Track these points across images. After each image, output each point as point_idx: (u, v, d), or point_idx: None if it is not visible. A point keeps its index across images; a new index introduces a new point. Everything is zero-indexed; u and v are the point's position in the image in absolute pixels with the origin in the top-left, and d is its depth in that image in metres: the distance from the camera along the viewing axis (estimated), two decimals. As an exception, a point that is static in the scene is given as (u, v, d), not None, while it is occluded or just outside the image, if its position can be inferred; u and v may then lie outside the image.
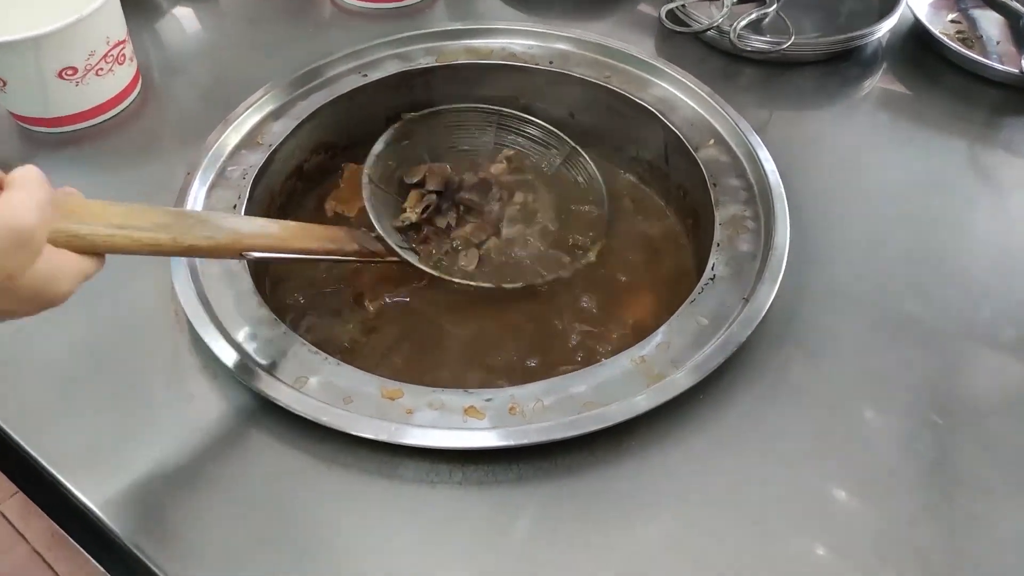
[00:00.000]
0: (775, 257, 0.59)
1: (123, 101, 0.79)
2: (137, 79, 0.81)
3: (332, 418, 0.51)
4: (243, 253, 0.53)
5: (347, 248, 0.63)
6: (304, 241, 0.59)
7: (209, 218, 0.53)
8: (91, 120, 0.77)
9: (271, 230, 0.56)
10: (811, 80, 0.82)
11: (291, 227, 0.59)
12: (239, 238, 0.52)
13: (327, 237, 0.62)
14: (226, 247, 0.51)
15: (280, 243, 0.56)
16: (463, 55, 0.80)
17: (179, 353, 0.58)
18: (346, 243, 0.63)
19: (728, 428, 0.53)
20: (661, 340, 0.56)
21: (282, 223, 0.59)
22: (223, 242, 0.51)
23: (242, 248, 0.53)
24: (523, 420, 0.51)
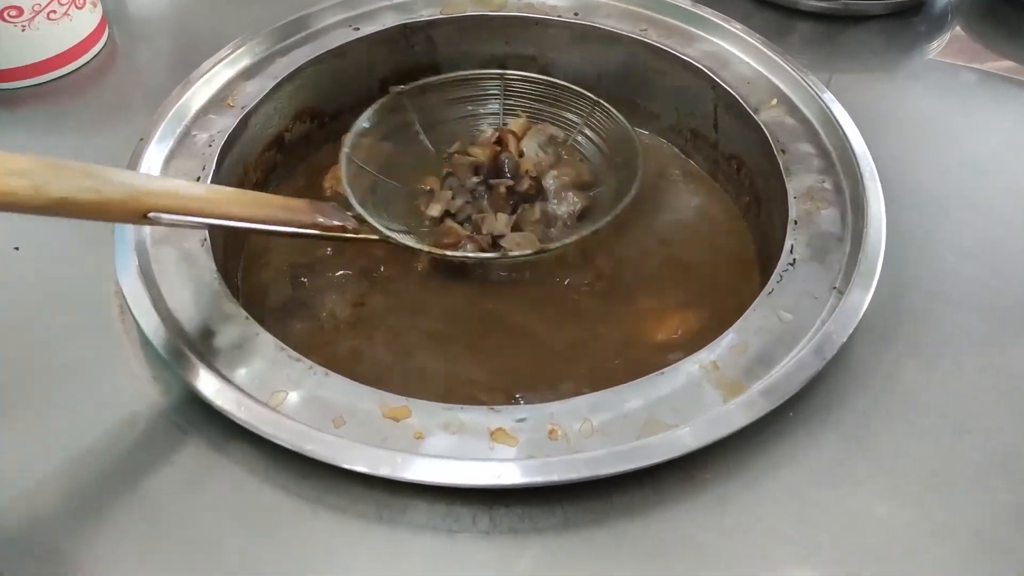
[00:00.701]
0: (871, 236, 0.48)
1: (82, 55, 0.67)
2: (102, 29, 0.69)
3: (318, 446, 0.38)
4: (148, 215, 0.41)
5: (304, 220, 0.51)
6: (242, 208, 0.47)
7: (94, 169, 0.39)
8: (40, 76, 0.65)
9: (191, 191, 0.45)
10: (877, 35, 0.70)
11: (225, 191, 0.48)
12: (137, 195, 0.40)
13: (277, 206, 0.50)
14: (117, 204, 0.39)
15: (205, 206, 0.44)
16: (471, 5, 0.68)
17: (123, 360, 0.45)
18: (304, 215, 0.51)
19: (828, 455, 0.41)
20: (735, 340, 0.44)
21: (212, 186, 0.48)
22: (112, 197, 0.38)
23: (144, 208, 0.40)
24: (567, 447, 0.39)
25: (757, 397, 0.41)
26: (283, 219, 0.49)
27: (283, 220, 0.49)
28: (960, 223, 0.53)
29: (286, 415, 0.40)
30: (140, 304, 0.45)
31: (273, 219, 0.48)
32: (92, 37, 0.67)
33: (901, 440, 0.42)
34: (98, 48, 0.69)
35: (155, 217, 0.41)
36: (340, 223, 0.53)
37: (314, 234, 0.52)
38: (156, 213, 0.41)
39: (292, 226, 0.50)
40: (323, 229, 0.52)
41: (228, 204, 0.46)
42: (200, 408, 0.42)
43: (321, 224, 0.52)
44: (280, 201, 0.51)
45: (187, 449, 0.41)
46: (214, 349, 0.43)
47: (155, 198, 0.41)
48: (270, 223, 0.48)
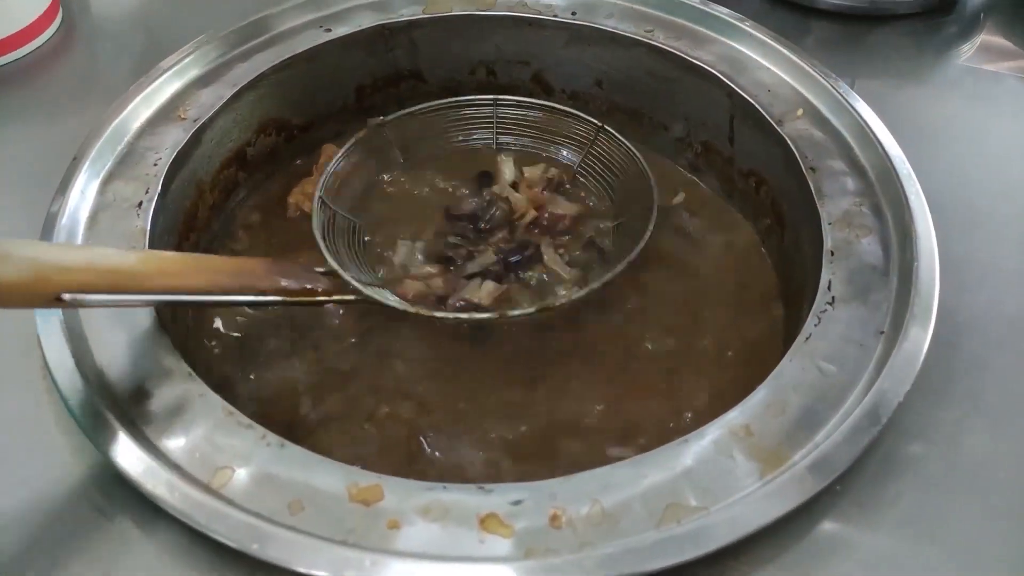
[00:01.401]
0: (923, 270, 0.41)
1: (28, 42, 0.60)
2: (55, 10, 0.62)
3: (268, 546, 0.31)
4: (63, 296, 0.33)
5: (262, 285, 0.43)
6: (182, 278, 0.39)
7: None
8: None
9: (119, 261, 0.37)
10: (904, 37, 0.64)
11: (162, 258, 0.41)
12: (45, 273, 0.33)
13: (227, 271, 0.43)
14: (19, 286, 0.32)
15: (134, 280, 0.37)
16: (458, 4, 0.61)
17: (41, 426, 0.38)
18: (261, 279, 0.44)
19: (886, 541, 0.34)
20: (770, 398, 0.37)
21: (147, 253, 0.41)
22: (11, 279, 0.31)
23: (56, 288, 0.33)
24: (573, 537, 0.32)
25: (802, 474, 0.34)
26: (236, 287, 0.42)
27: (236, 288, 0.42)
28: (1018, 253, 0.46)
29: (231, 500, 0.33)
30: (60, 359, 0.38)
31: (223, 288, 0.41)
32: (40, 22, 0.61)
33: (973, 523, 0.35)
34: (48, 34, 0.62)
35: (72, 299, 0.33)
36: (309, 285, 0.46)
37: (277, 301, 0.44)
38: (73, 294, 0.33)
39: (248, 294, 0.43)
40: (288, 294, 0.45)
41: (164, 276, 0.38)
42: (128, 490, 0.34)
43: (285, 289, 0.44)
44: (231, 265, 0.44)
45: (112, 538, 0.34)
46: (148, 415, 0.36)
47: (70, 275, 0.34)
48: (219, 293, 0.41)
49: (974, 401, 0.39)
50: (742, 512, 0.33)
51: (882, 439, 0.36)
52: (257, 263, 0.45)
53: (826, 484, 0.33)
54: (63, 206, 0.45)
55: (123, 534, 0.34)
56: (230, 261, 0.44)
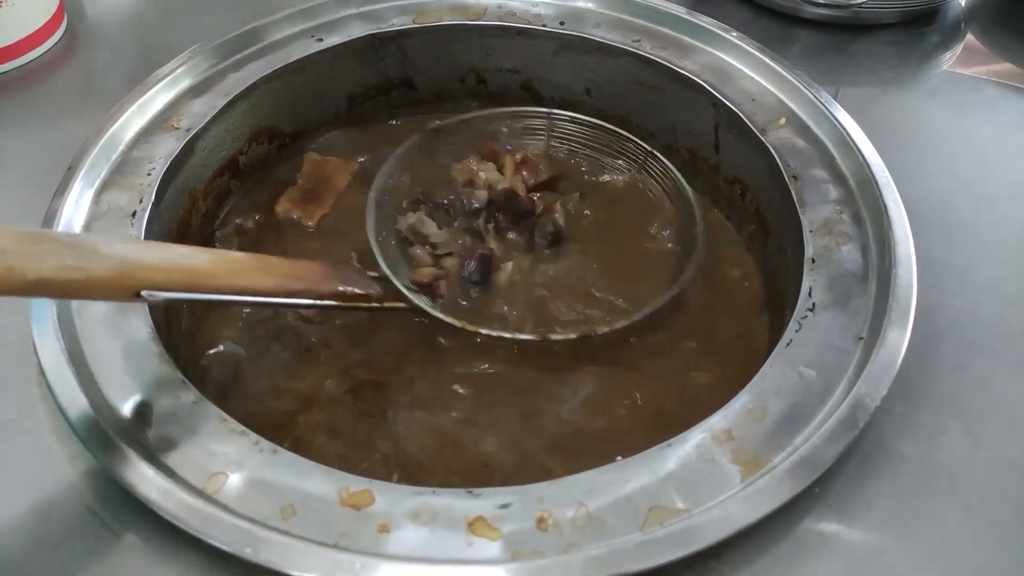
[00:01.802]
0: (901, 277, 0.42)
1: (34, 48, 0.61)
2: (59, 19, 0.62)
3: (261, 549, 0.32)
4: (142, 293, 0.35)
5: (322, 289, 0.44)
6: (250, 278, 0.40)
7: (83, 243, 0.35)
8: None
9: (193, 261, 0.38)
10: (887, 46, 0.65)
11: (231, 259, 0.41)
12: (130, 270, 0.34)
13: (291, 274, 0.43)
14: (107, 283, 0.34)
15: (207, 280, 0.38)
16: (448, 13, 0.61)
17: (37, 436, 0.39)
18: (322, 282, 0.44)
19: (863, 540, 0.35)
20: (751, 403, 0.38)
21: (218, 253, 0.41)
22: (101, 275, 0.33)
23: (138, 285, 0.35)
24: (559, 539, 0.33)
25: (782, 476, 0.35)
26: (297, 289, 0.43)
27: (297, 291, 0.43)
28: (999, 260, 0.47)
29: (225, 506, 0.34)
30: (56, 368, 0.38)
31: (286, 290, 0.42)
32: (46, 29, 0.62)
33: (949, 522, 0.36)
34: (52, 42, 0.63)
35: (149, 295, 0.35)
36: (363, 291, 0.46)
37: (333, 305, 0.45)
38: (151, 291, 0.35)
39: (308, 297, 0.43)
40: (343, 299, 0.45)
41: (234, 275, 0.39)
42: (124, 496, 0.35)
43: (341, 293, 0.45)
44: (294, 268, 0.44)
45: (108, 544, 0.35)
46: (143, 422, 0.37)
47: (150, 273, 0.35)
48: (282, 295, 0.42)
49: (951, 404, 0.40)
50: (724, 514, 0.34)
51: (861, 442, 0.37)
52: (319, 266, 0.46)
53: (805, 486, 0.34)
54: (58, 215, 0.45)
55: (118, 539, 0.35)
56: (295, 264, 0.45)
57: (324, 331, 0.50)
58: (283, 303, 0.43)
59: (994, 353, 0.42)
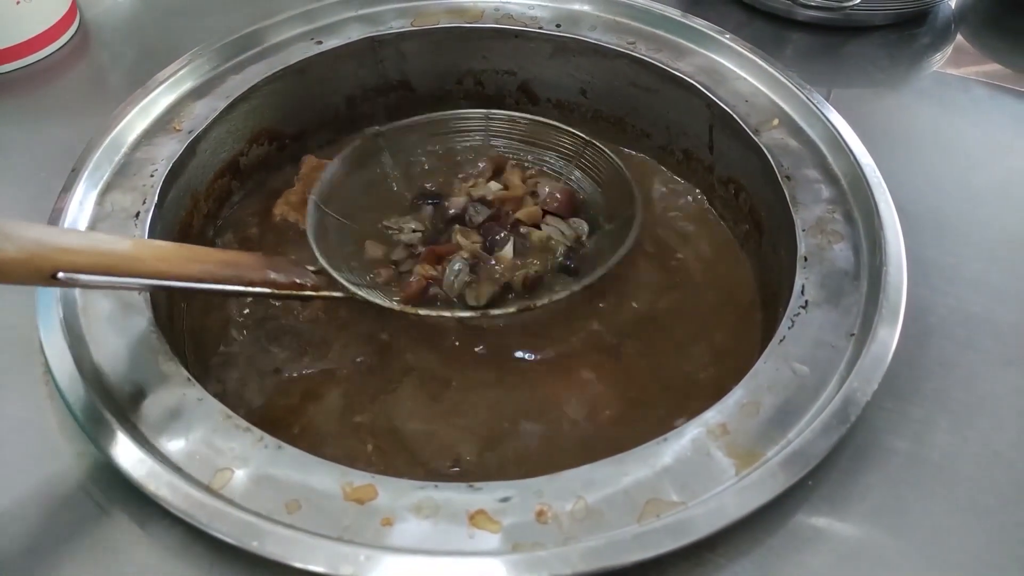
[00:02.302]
0: (891, 275, 0.43)
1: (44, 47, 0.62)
2: (71, 17, 0.64)
3: (267, 542, 0.33)
4: (58, 275, 0.34)
5: (252, 277, 0.45)
6: (175, 265, 0.41)
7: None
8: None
9: (113, 246, 0.38)
10: (878, 48, 0.66)
11: (155, 246, 0.42)
12: (46, 252, 0.34)
13: (219, 261, 0.44)
14: (18, 263, 0.33)
15: (129, 264, 0.38)
16: (445, 16, 0.62)
17: (44, 430, 0.39)
18: (251, 271, 0.45)
19: (855, 532, 0.36)
20: (745, 398, 0.39)
21: (142, 240, 0.42)
22: (11, 255, 0.32)
23: (53, 267, 0.34)
24: (559, 532, 0.34)
25: (776, 469, 0.35)
26: (225, 276, 0.43)
27: (225, 277, 0.43)
28: (987, 258, 0.48)
29: (231, 500, 0.34)
30: (62, 365, 0.39)
31: (213, 276, 0.42)
32: (59, 27, 0.63)
33: (938, 515, 0.37)
34: (64, 39, 0.64)
35: (67, 278, 0.34)
36: (298, 280, 0.47)
37: (264, 292, 0.46)
38: (69, 273, 0.34)
39: (237, 284, 0.44)
40: (276, 287, 0.46)
41: (158, 261, 0.40)
42: (131, 490, 0.35)
43: (273, 281, 0.46)
44: (223, 256, 0.45)
45: (115, 538, 0.35)
46: (149, 419, 0.38)
47: (67, 255, 0.35)
48: (209, 281, 0.42)
49: (941, 399, 0.41)
50: (718, 506, 0.34)
51: (852, 436, 0.38)
52: (248, 256, 0.47)
53: (798, 479, 0.35)
54: (63, 216, 0.46)
55: (125, 533, 0.35)
56: (222, 252, 0.46)
57: (324, 331, 0.51)
58: (210, 288, 0.43)
59: (982, 350, 0.43)
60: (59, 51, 0.64)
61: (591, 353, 0.50)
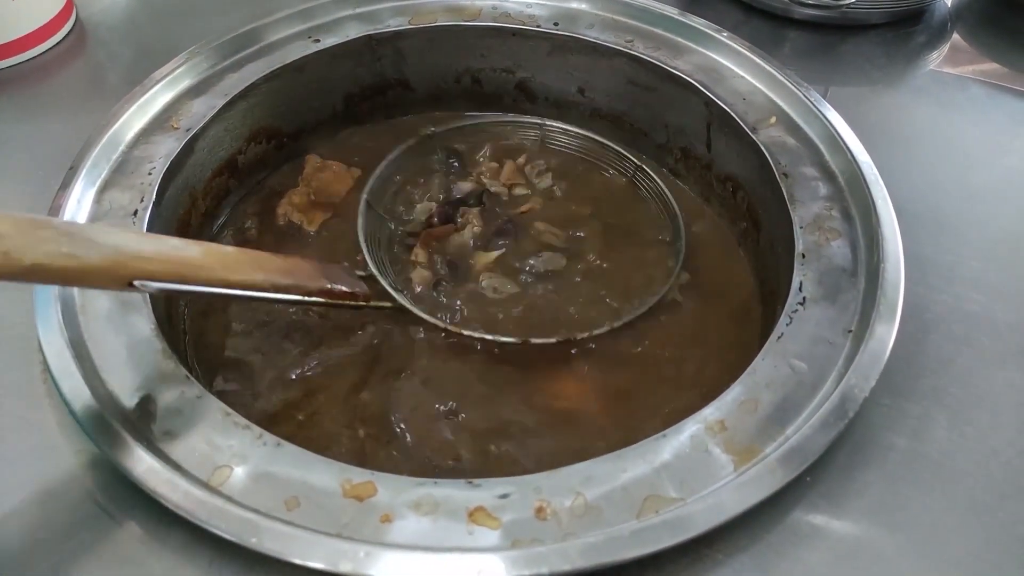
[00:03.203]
0: (889, 272, 0.43)
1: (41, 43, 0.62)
2: (67, 13, 0.64)
3: (266, 539, 0.33)
4: (135, 282, 0.36)
5: (310, 286, 0.45)
6: (241, 272, 0.41)
7: (79, 231, 0.35)
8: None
9: (186, 253, 0.39)
10: (875, 46, 0.66)
11: (222, 253, 0.42)
12: (124, 260, 0.35)
13: (280, 269, 0.44)
14: (101, 272, 0.34)
15: (199, 272, 0.39)
16: (443, 15, 0.62)
17: (43, 429, 0.39)
18: (310, 279, 0.45)
19: (853, 529, 0.36)
20: (744, 395, 0.39)
21: (210, 246, 0.41)
22: (95, 263, 0.34)
23: (131, 275, 0.36)
24: (558, 528, 0.34)
25: (774, 465, 0.36)
26: (285, 285, 0.44)
27: (285, 286, 0.44)
28: (985, 256, 0.48)
29: (230, 497, 0.34)
30: (61, 364, 0.39)
31: (274, 285, 0.43)
32: (54, 23, 0.63)
33: (935, 511, 0.37)
34: (60, 35, 0.65)
35: (142, 285, 0.36)
36: (349, 289, 0.47)
37: (321, 302, 0.46)
38: (143, 281, 0.36)
39: (297, 293, 0.44)
40: (330, 296, 0.46)
41: (225, 269, 0.40)
42: (130, 488, 0.35)
43: (328, 290, 0.46)
44: (283, 263, 0.45)
45: (114, 536, 0.35)
46: (148, 417, 0.38)
47: (143, 263, 0.36)
48: (270, 290, 0.43)
49: (937, 395, 0.41)
50: (717, 502, 0.34)
51: (850, 432, 0.38)
52: (307, 264, 0.47)
53: (796, 475, 0.35)
54: (60, 213, 0.46)
55: (124, 531, 0.35)
56: (285, 260, 0.46)
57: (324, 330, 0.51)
58: (273, 298, 0.44)
59: (980, 347, 0.43)
60: (54, 48, 0.64)
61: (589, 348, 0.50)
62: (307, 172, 0.60)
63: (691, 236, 0.57)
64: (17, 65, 0.62)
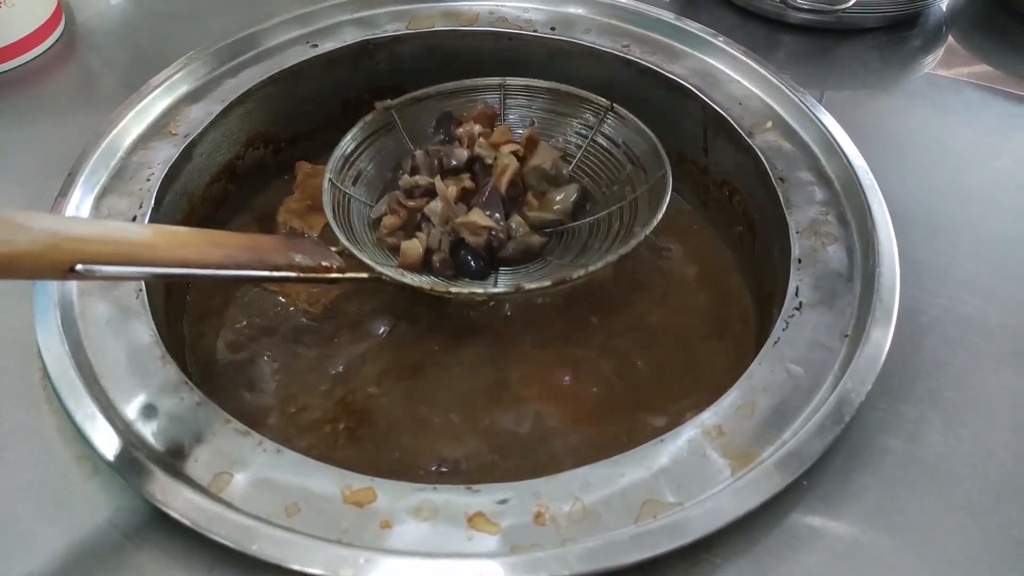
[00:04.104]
0: (885, 276, 0.43)
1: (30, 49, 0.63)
2: (57, 19, 0.64)
3: (266, 545, 0.33)
4: (77, 267, 0.33)
5: (276, 260, 0.43)
6: (196, 250, 0.39)
7: (6, 216, 0.32)
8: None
9: (131, 235, 0.37)
10: (870, 50, 0.66)
11: (175, 232, 0.41)
12: (60, 243, 0.33)
13: (240, 245, 0.42)
14: (35, 256, 0.32)
15: (148, 252, 0.37)
16: (440, 20, 0.62)
17: (42, 435, 0.39)
18: (273, 254, 0.43)
19: (850, 531, 0.37)
20: (741, 400, 0.39)
21: (160, 227, 0.40)
22: (28, 248, 0.31)
23: (70, 259, 0.33)
24: (557, 533, 0.34)
25: (771, 469, 0.36)
26: (249, 261, 0.42)
27: (249, 263, 0.42)
28: (979, 258, 0.48)
29: (230, 504, 0.35)
30: (61, 370, 0.39)
31: (236, 262, 0.41)
32: (43, 30, 0.63)
33: (932, 513, 0.37)
34: (50, 42, 0.65)
35: (85, 270, 0.33)
36: (323, 263, 0.46)
37: (290, 277, 0.44)
38: (87, 264, 0.33)
39: (261, 269, 0.42)
40: (301, 270, 0.44)
41: (178, 247, 0.38)
42: (130, 495, 0.36)
43: (299, 265, 0.44)
44: (245, 240, 0.44)
45: (112, 542, 0.35)
46: (148, 423, 0.38)
47: (82, 245, 0.33)
48: (232, 267, 0.41)
49: (933, 398, 0.41)
50: (715, 507, 0.35)
51: (846, 436, 0.39)
52: (271, 239, 0.45)
53: (793, 479, 0.36)
54: (59, 221, 0.46)
55: (124, 538, 0.36)
56: (244, 236, 0.44)
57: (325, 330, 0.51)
58: (238, 275, 0.42)
59: (974, 349, 0.44)
60: (45, 54, 0.64)
61: (584, 353, 0.50)
62: (300, 179, 0.60)
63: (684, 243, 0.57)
64: (7, 72, 0.62)
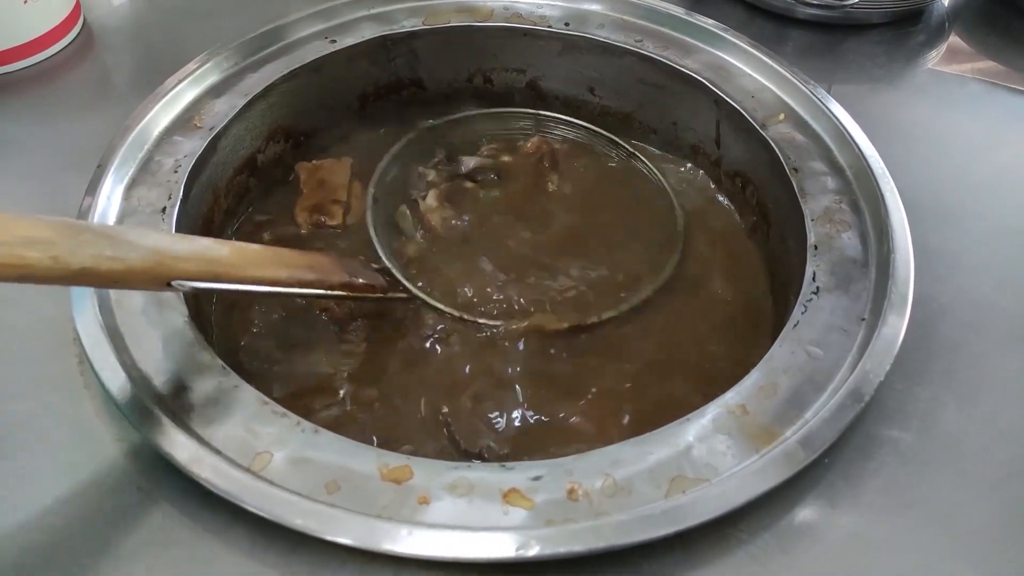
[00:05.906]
0: (899, 261, 0.44)
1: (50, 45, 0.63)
2: (76, 16, 0.65)
3: (308, 519, 0.34)
4: (172, 282, 0.37)
5: (332, 280, 0.47)
6: (267, 269, 0.43)
7: (117, 233, 0.36)
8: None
9: (217, 253, 0.40)
10: (876, 45, 0.68)
11: (249, 251, 0.43)
12: (163, 260, 0.37)
13: (303, 265, 0.45)
14: (143, 273, 0.36)
15: (230, 270, 0.41)
16: (456, 15, 0.64)
17: (82, 418, 0.40)
18: (332, 273, 0.47)
19: (869, 507, 0.38)
20: (763, 380, 0.40)
21: (236, 245, 0.43)
22: (137, 265, 0.35)
23: (170, 275, 0.37)
24: (589, 508, 0.35)
25: (794, 447, 0.37)
26: (310, 280, 0.45)
27: (310, 281, 0.45)
28: (987, 246, 0.50)
29: (271, 481, 0.36)
30: (100, 355, 0.40)
31: (299, 280, 0.44)
32: (63, 27, 0.64)
33: (946, 491, 0.38)
34: (69, 39, 0.65)
35: (179, 284, 0.37)
36: (369, 282, 0.49)
37: (343, 295, 0.48)
38: (180, 280, 0.37)
39: (320, 287, 0.46)
40: (351, 289, 0.48)
41: (253, 267, 0.42)
42: (172, 474, 0.37)
43: (350, 284, 0.48)
44: (307, 259, 0.47)
45: (157, 520, 0.36)
46: (187, 405, 0.39)
47: (180, 263, 0.37)
48: (296, 285, 0.44)
49: (947, 380, 0.43)
50: (740, 483, 0.36)
51: (864, 416, 0.40)
52: (327, 259, 0.48)
53: (814, 457, 0.37)
54: (91, 212, 0.47)
55: (167, 515, 0.37)
56: (306, 255, 0.47)
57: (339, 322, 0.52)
58: (298, 293, 0.45)
59: (985, 332, 0.45)
60: (63, 51, 0.65)
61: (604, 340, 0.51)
62: (304, 178, 0.61)
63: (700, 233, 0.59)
64: (27, 68, 0.63)
